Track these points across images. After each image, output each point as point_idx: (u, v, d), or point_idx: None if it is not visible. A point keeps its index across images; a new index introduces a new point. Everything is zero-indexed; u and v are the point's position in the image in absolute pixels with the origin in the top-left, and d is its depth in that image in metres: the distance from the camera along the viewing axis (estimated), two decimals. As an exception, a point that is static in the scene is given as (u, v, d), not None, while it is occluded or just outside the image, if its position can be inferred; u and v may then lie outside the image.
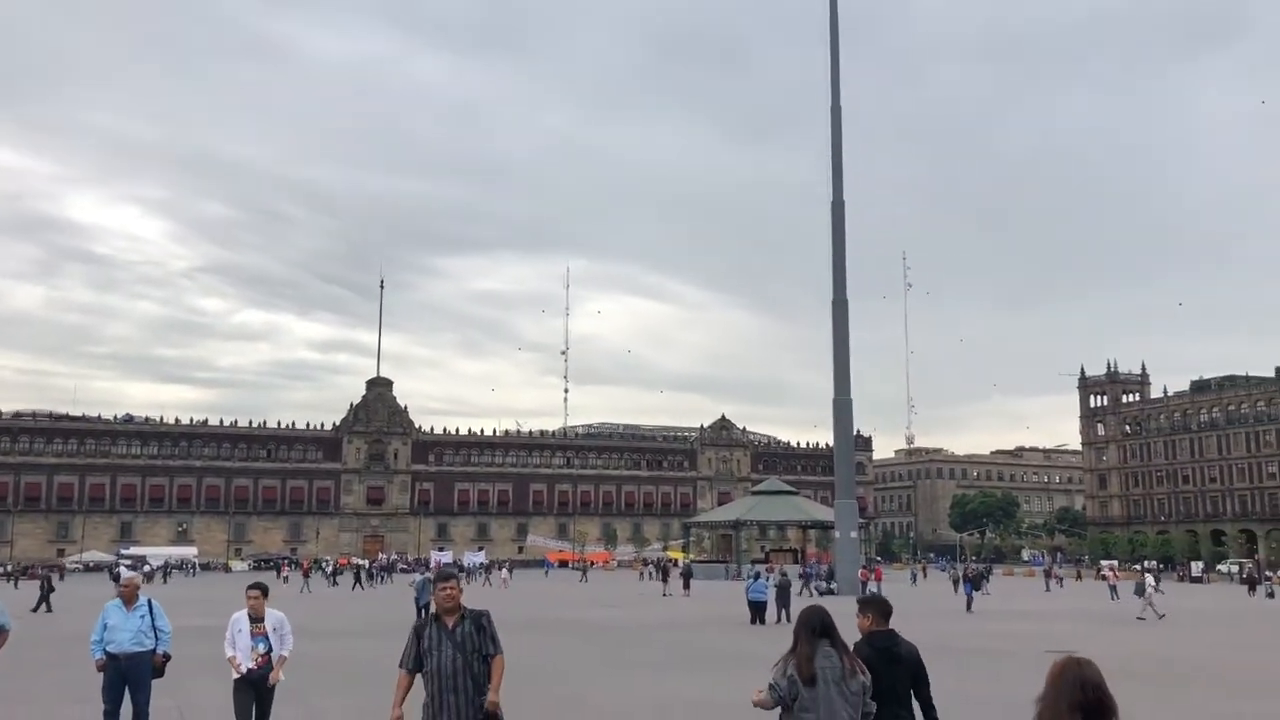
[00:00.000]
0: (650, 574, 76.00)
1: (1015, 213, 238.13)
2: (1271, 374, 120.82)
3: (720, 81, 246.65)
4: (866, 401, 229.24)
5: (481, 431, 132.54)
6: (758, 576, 33.90)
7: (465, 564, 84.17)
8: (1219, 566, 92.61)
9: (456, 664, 6.64)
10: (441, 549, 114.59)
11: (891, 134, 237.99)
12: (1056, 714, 3.54)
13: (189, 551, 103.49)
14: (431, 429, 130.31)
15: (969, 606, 38.54)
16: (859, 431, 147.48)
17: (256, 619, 9.43)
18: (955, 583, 55.82)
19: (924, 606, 42.88)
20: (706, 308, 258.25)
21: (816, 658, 5.82)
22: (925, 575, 78.02)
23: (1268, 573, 66.72)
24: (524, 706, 13.55)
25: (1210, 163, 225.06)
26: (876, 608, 6.61)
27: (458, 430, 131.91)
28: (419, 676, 6.82)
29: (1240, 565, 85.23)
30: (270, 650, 9.37)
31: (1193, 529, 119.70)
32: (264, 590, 9.59)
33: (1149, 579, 38.17)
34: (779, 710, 5.90)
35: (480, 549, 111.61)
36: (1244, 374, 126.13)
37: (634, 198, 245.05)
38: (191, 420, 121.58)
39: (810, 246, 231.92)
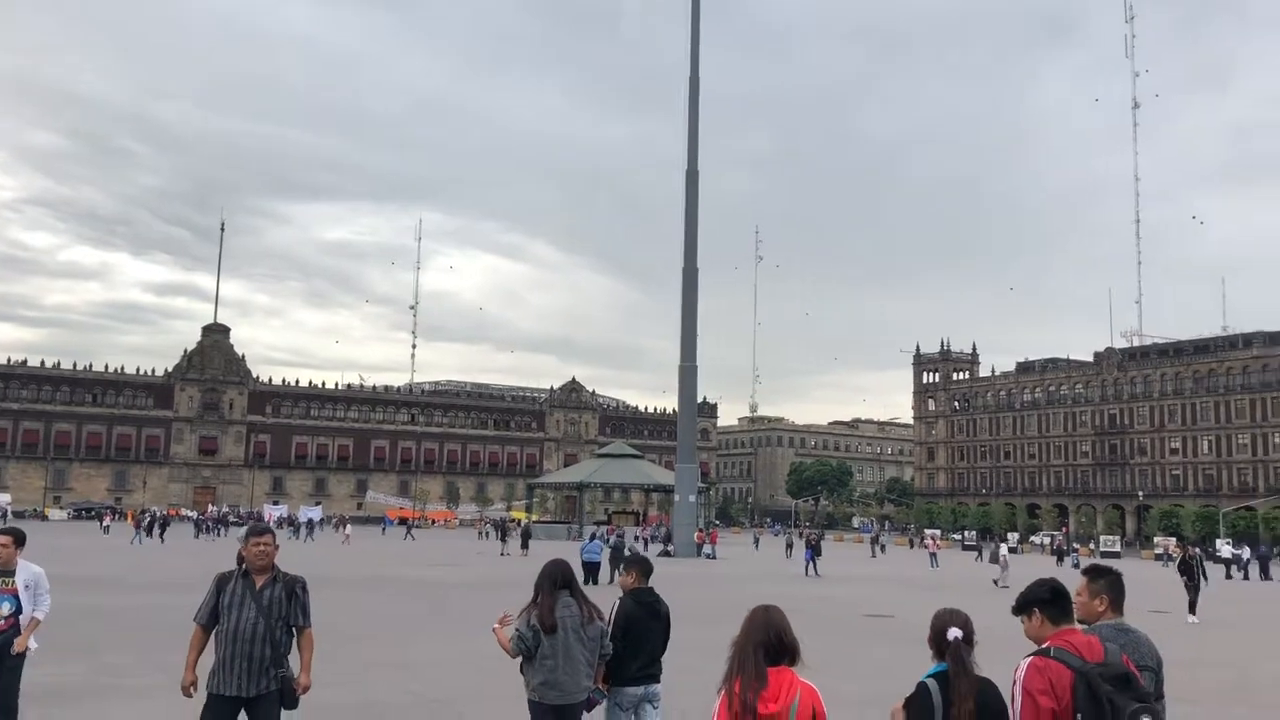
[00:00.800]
0: (489, 533, 75.82)
1: (867, 193, 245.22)
2: (1090, 358, 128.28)
3: (593, 47, 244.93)
4: (714, 369, 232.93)
5: (323, 384, 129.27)
6: (593, 537, 34.23)
7: (299, 519, 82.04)
8: (1032, 538, 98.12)
9: (257, 629, 6.03)
10: (276, 503, 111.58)
11: (755, 109, 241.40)
12: (744, 650, 4.19)
13: (1, 498, 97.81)
14: (270, 379, 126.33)
15: (808, 570, 39.63)
16: (704, 398, 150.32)
17: (5, 573, 7.97)
18: (788, 547, 57.92)
19: (763, 570, 44.11)
20: (564, 270, 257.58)
21: (557, 608, 6.28)
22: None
23: (1075, 544, 71.01)
24: (341, 661, 13.28)
25: (1050, 156, 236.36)
26: (639, 566, 7.05)
27: (298, 381, 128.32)
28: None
29: (1051, 537, 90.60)
30: (18, 611, 7.92)
31: (1011, 502, 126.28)
32: (18, 538, 8.13)
33: (1004, 548, 39.86)
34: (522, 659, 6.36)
35: (317, 504, 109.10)
36: (1065, 357, 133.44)
37: (497, 156, 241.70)
38: (9, 360, 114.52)
39: (671, 215, 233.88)
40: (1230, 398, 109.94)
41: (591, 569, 31.01)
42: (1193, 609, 24.12)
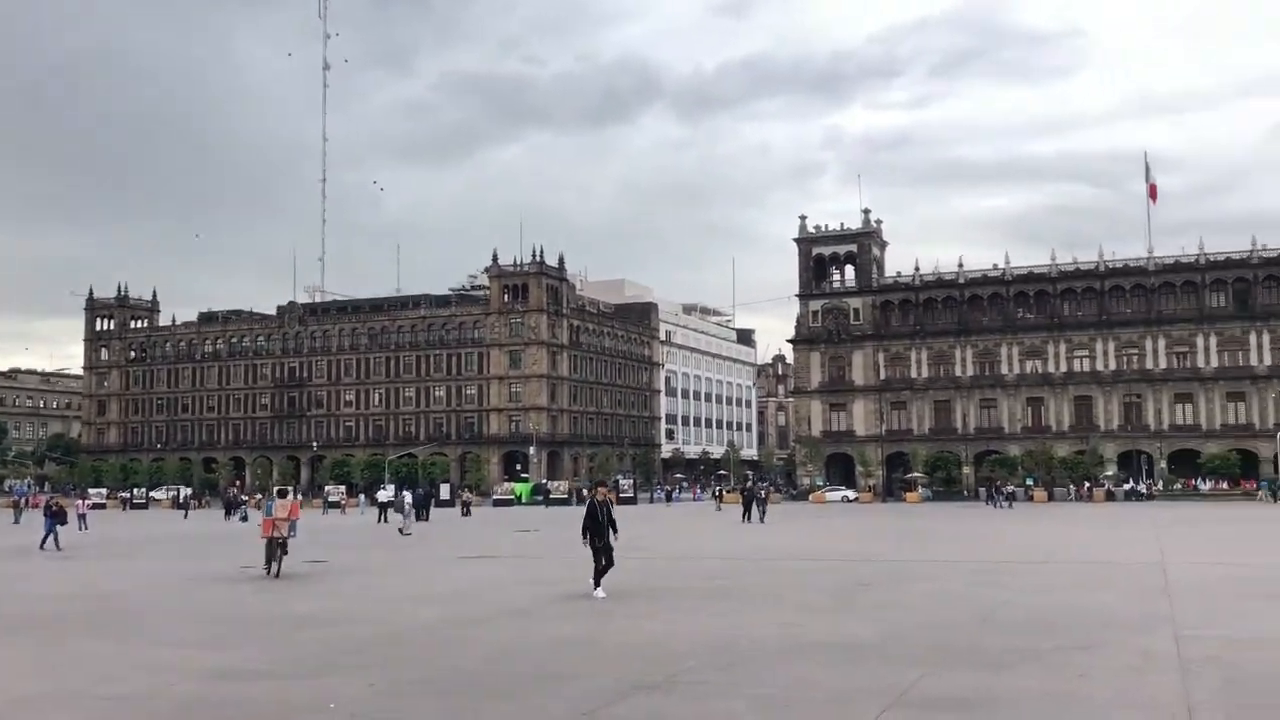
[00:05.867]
0: None
1: (35, 124, 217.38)
2: (274, 312, 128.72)
3: None
4: None
5: None
6: None
7: None
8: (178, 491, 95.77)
9: None
10: None
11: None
12: None
13: None
14: None
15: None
16: None
17: None
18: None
19: None
20: None
21: None
22: None
23: (246, 495, 69.70)
24: None
25: (248, 108, 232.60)
26: None
27: None
28: None
29: (224, 490, 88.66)
30: None
31: (188, 456, 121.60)
32: None
33: (407, 496, 40.39)
34: None
35: None
36: (250, 310, 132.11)
37: None
38: None
39: None
40: (400, 354, 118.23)
41: None
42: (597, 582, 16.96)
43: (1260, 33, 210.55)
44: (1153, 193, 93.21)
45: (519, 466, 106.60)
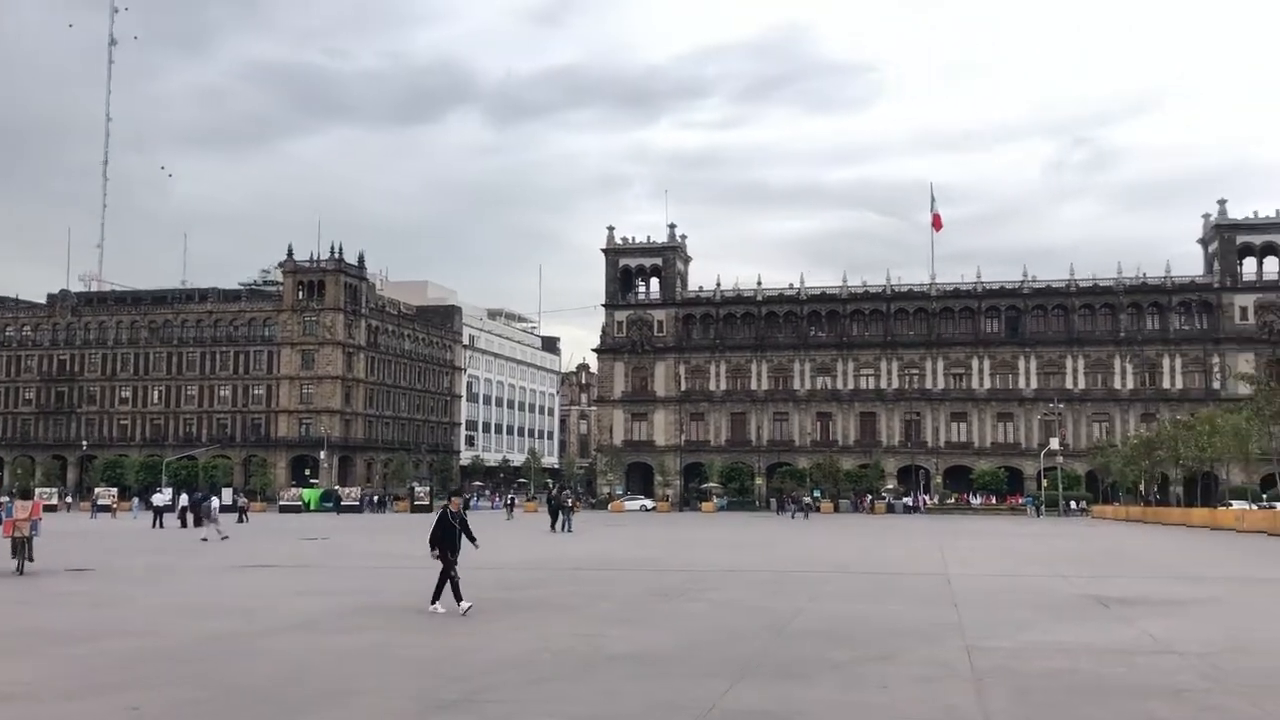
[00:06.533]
0: None
1: None
2: (44, 300, 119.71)
3: None
4: None
5: None
6: None
7: None
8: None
9: None
10: None
11: None
12: None
13: None
14: None
15: None
16: None
17: None
18: None
19: None
20: None
21: None
22: None
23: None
24: None
25: (15, 79, 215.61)
26: None
27: None
28: None
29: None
30: None
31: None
32: None
33: (214, 502, 38.53)
34: None
35: None
36: (15, 297, 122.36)
37: None
38: None
39: None
40: (183, 350, 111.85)
41: None
42: (445, 596, 15.06)
43: (1034, 79, 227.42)
44: (937, 222, 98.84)
45: (309, 472, 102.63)
